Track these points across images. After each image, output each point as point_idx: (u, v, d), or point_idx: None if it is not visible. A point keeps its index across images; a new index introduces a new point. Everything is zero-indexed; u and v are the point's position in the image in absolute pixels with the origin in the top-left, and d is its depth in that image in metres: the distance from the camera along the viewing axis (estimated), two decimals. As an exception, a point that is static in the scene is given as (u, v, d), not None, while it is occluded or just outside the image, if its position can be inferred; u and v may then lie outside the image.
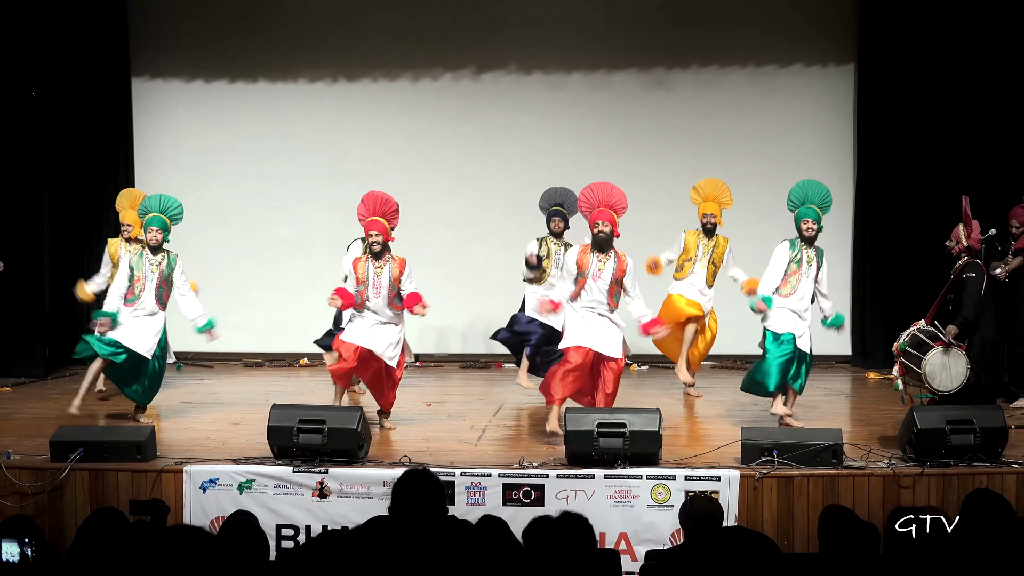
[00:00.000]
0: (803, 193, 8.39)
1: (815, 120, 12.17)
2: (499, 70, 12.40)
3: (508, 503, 6.92)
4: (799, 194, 8.41)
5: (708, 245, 9.70)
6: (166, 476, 7.11)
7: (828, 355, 11.94)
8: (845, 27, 12.07)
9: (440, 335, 12.34)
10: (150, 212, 8.65)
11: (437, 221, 11.91)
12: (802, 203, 8.37)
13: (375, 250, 8.29)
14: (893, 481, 6.93)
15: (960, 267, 8.65)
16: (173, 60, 12.48)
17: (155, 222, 8.58)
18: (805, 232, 8.31)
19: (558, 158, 11.81)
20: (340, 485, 7.04)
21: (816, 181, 8.54)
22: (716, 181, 9.77)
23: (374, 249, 8.29)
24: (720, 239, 9.73)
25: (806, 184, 8.46)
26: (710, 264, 9.68)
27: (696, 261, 9.68)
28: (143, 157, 12.46)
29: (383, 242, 8.31)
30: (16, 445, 7.62)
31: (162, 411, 9.18)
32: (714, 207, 9.68)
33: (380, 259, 8.32)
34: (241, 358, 12.22)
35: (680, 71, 12.28)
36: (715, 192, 9.73)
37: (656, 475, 6.98)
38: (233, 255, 12.29)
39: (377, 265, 8.31)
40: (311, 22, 12.37)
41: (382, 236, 8.30)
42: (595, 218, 8.14)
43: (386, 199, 8.44)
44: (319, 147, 12.21)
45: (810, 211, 8.32)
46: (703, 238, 9.72)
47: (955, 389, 8.03)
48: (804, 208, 8.34)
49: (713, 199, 9.72)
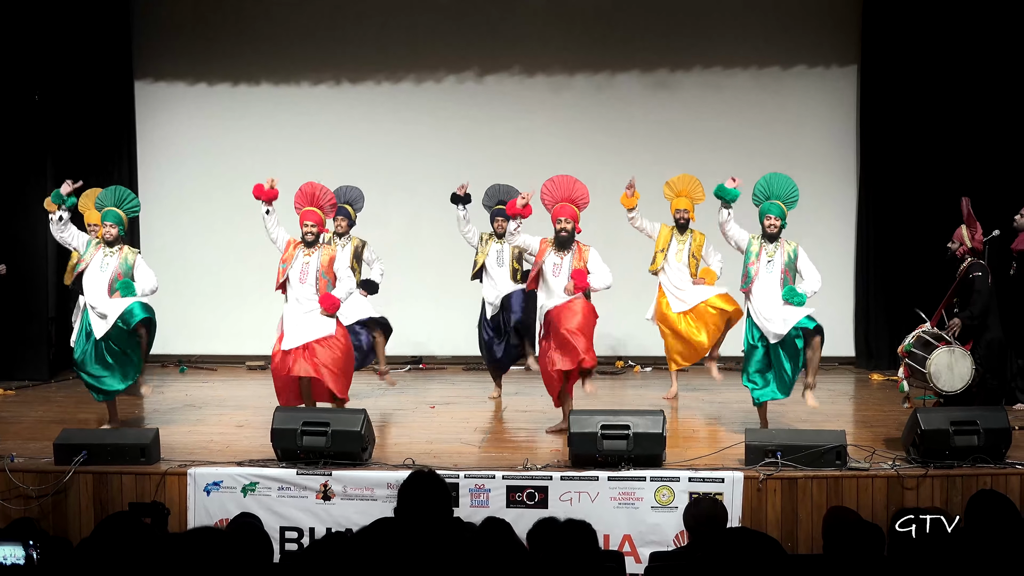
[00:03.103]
0: (768, 188, 8.17)
1: (818, 121, 12.18)
2: (502, 72, 12.41)
3: (512, 505, 6.91)
4: (763, 189, 8.19)
5: (682, 240, 9.76)
6: (170, 479, 7.11)
7: (832, 357, 11.94)
8: (848, 28, 12.07)
9: (444, 337, 12.35)
10: (105, 206, 8.49)
11: (441, 223, 11.90)
12: (767, 198, 8.17)
13: (308, 240, 8.22)
14: (897, 482, 6.92)
15: (965, 268, 8.64)
16: (176, 63, 12.51)
17: (110, 217, 8.43)
18: (768, 228, 8.09)
19: (561, 160, 11.77)
20: (344, 487, 7.03)
21: (783, 175, 8.26)
22: (688, 177, 9.79)
23: (307, 239, 8.22)
24: (696, 234, 9.79)
25: (771, 178, 8.22)
26: (691, 258, 9.76)
27: (670, 254, 9.76)
28: (146, 160, 12.49)
29: (317, 233, 8.28)
30: (20, 448, 7.62)
31: (166, 414, 9.19)
32: (686, 203, 9.75)
33: (311, 247, 8.23)
34: (244, 361, 12.23)
35: (683, 73, 12.30)
36: (687, 188, 9.77)
37: (660, 477, 6.97)
38: (237, 257, 12.30)
39: (307, 252, 8.21)
40: (314, 25, 12.39)
41: (317, 227, 8.29)
42: (557, 214, 8.22)
43: (324, 190, 8.44)
44: (322, 150, 12.21)
45: (773, 207, 8.10)
46: (676, 234, 9.79)
47: (960, 389, 8.01)
48: (767, 204, 8.13)
49: (686, 195, 9.77)
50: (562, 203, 8.22)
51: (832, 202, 12.07)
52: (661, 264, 9.82)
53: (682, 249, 9.75)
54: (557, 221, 8.20)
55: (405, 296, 11.88)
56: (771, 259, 8.12)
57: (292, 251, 8.22)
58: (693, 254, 9.75)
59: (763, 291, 8.09)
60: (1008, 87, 10.98)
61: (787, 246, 8.15)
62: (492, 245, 9.73)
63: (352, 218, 9.73)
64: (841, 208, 12.14)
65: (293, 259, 8.17)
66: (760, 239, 8.17)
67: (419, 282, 12.07)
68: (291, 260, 8.17)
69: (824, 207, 11.88)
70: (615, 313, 11.44)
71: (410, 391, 10.59)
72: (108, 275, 8.34)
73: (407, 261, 11.84)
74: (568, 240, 8.19)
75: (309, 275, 8.14)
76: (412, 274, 11.95)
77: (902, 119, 11.57)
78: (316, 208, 8.34)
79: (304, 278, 8.13)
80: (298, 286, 8.13)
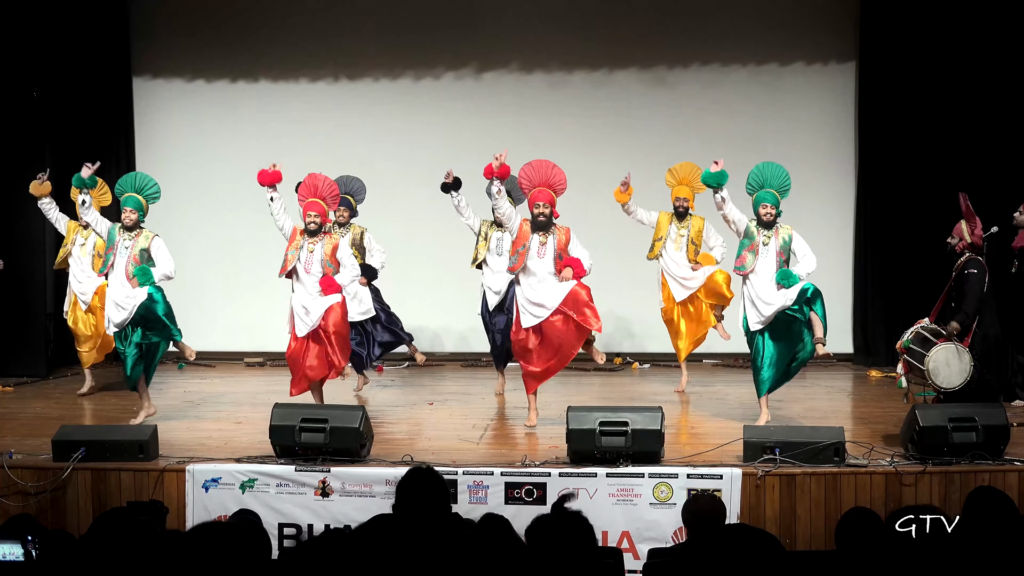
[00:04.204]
0: (761, 177, 8.32)
1: (816, 118, 12.17)
2: (501, 68, 12.41)
3: (510, 502, 6.90)
4: (757, 178, 8.34)
5: (682, 227, 9.82)
6: (168, 475, 7.11)
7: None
8: (846, 25, 12.07)
9: (442, 334, 12.36)
10: (125, 192, 8.60)
11: (438, 219, 11.89)
12: (760, 187, 8.32)
13: (311, 229, 8.44)
14: (895, 479, 6.92)
15: (962, 264, 8.64)
16: (174, 60, 12.50)
17: (130, 202, 8.53)
18: (763, 217, 8.26)
19: (559, 155, 11.65)
20: (342, 484, 7.03)
21: (775, 164, 8.40)
22: (691, 165, 9.83)
23: (310, 228, 8.43)
24: (695, 219, 9.85)
25: (765, 167, 8.37)
26: (689, 244, 9.82)
27: (669, 241, 9.81)
28: (144, 156, 12.48)
29: (320, 223, 8.49)
30: (18, 445, 7.62)
31: (164, 410, 9.18)
32: (687, 191, 9.82)
33: (314, 237, 8.47)
34: (243, 357, 12.23)
35: (682, 69, 12.29)
36: (689, 175, 9.81)
37: (658, 473, 6.97)
38: (235, 254, 12.31)
39: (311, 242, 8.44)
40: (312, 21, 12.38)
41: (320, 218, 8.50)
42: (534, 199, 8.33)
43: (328, 182, 8.65)
44: (320, 146, 12.19)
45: (768, 195, 8.25)
46: (675, 221, 9.84)
47: (959, 386, 8.02)
48: (761, 192, 8.29)
49: (687, 183, 9.81)
50: (539, 187, 8.31)
51: (830, 198, 12.07)
52: (660, 251, 9.86)
53: (681, 236, 9.81)
54: (535, 205, 8.30)
55: (403, 292, 11.86)
56: (767, 244, 8.25)
57: (298, 239, 8.43)
58: (692, 240, 9.81)
59: (759, 275, 8.22)
60: (1007, 83, 10.98)
61: (782, 230, 8.28)
62: (493, 234, 9.71)
63: (353, 208, 9.86)
64: (839, 204, 12.13)
65: (299, 248, 8.39)
66: (757, 226, 8.28)
67: (417, 278, 12.06)
68: (297, 249, 8.39)
69: (822, 203, 11.88)
70: (614, 310, 11.48)
71: (408, 387, 10.59)
72: (126, 259, 8.43)
73: (405, 257, 11.83)
74: (546, 224, 8.29)
75: (314, 264, 8.42)
76: (410, 270, 11.95)
77: (901, 116, 11.56)
78: (319, 199, 8.51)
79: (309, 267, 8.41)
80: (303, 275, 8.42)
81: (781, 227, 8.29)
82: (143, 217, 8.59)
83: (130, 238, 8.49)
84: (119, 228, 8.52)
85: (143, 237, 8.50)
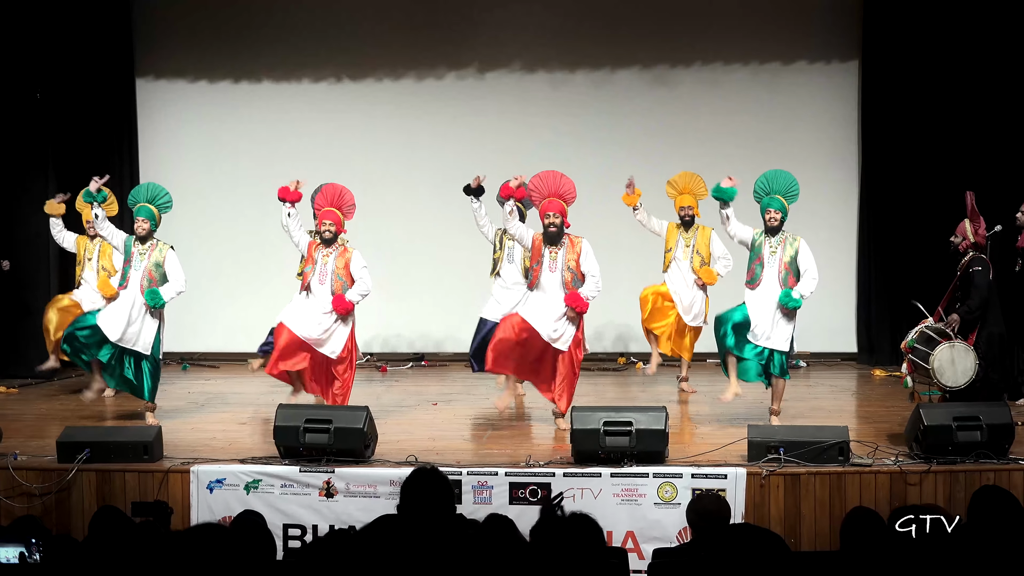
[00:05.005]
0: (768, 184, 8.34)
1: (819, 117, 12.16)
2: (502, 68, 12.40)
3: (515, 502, 6.91)
4: (764, 185, 8.36)
5: (689, 237, 9.79)
6: (173, 476, 7.12)
7: (834, 352, 11.97)
8: (848, 23, 12.05)
9: (445, 334, 12.34)
10: (138, 202, 8.68)
11: (441, 219, 11.91)
12: (767, 193, 8.33)
13: (326, 238, 8.48)
14: (900, 478, 6.91)
15: (966, 262, 8.63)
16: (177, 61, 12.50)
17: (142, 212, 8.60)
18: (769, 222, 8.25)
19: (561, 155, 11.75)
20: (347, 485, 7.04)
21: (783, 171, 8.42)
22: (690, 173, 9.83)
23: (325, 237, 8.47)
24: (703, 230, 9.80)
25: (771, 174, 8.38)
26: (695, 254, 9.76)
27: (677, 253, 9.79)
28: (147, 157, 12.47)
29: (335, 232, 8.51)
30: (23, 446, 7.63)
31: (168, 412, 9.18)
32: (690, 199, 9.78)
33: (329, 246, 8.50)
34: (247, 358, 12.21)
35: (683, 69, 12.29)
36: (689, 184, 9.80)
37: (663, 473, 6.97)
38: (238, 255, 12.31)
39: (325, 252, 8.47)
40: (315, 22, 12.38)
41: (335, 227, 8.51)
42: (545, 209, 8.29)
43: (345, 192, 8.67)
44: (323, 146, 12.20)
45: (774, 201, 8.26)
46: (682, 231, 9.81)
47: (964, 384, 8.01)
48: (768, 198, 8.29)
49: (688, 191, 9.79)
50: (550, 198, 8.28)
51: (834, 198, 12.05)
52: (671, 264, 9.83)
53: (688, 246, 9.77)
54: (545, 216, 8.26)
55: (407, 293, 11.89)
56: (773, 252, 8.21)
57: (313, 252, 8.49)
58: (697, 250, 9.75)
59: (762, 286, 8.21)
60: (1010, 82, 10.97)
61: (790, 241, 8.22)
62: (507, 242, 9.71)
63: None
64: (843, 204, 12.12)
65: (314, 262, 8.43)
66: (763, 234, 8.24)
67: (420, 279, 12.06)
68: (313, 264, 8.44)
69: (826, 203, 11.85)
70: (617, 310, 11.45)
71: (412, 388, 10.59)
72: (141, 274, 8.51)
73: (408, 258, 11.84)
74: (558, 235, 8.23)
75: (327, 276, 8.41)
76: (413, 271, 11.95)
77: (904, 115, 11.54)
78: (336, 208, 8.56)
79: (323, 279, 8.42)
80: (316, 287, 8.44)
81: (789, 237, 8.26)
82: (155, 227, 8.68)
83: (145, 250, 8.57)
84: (134, 240, 8.60)
85: (157, 250, 8.58)
